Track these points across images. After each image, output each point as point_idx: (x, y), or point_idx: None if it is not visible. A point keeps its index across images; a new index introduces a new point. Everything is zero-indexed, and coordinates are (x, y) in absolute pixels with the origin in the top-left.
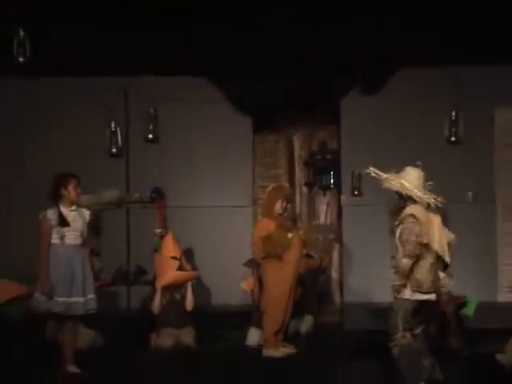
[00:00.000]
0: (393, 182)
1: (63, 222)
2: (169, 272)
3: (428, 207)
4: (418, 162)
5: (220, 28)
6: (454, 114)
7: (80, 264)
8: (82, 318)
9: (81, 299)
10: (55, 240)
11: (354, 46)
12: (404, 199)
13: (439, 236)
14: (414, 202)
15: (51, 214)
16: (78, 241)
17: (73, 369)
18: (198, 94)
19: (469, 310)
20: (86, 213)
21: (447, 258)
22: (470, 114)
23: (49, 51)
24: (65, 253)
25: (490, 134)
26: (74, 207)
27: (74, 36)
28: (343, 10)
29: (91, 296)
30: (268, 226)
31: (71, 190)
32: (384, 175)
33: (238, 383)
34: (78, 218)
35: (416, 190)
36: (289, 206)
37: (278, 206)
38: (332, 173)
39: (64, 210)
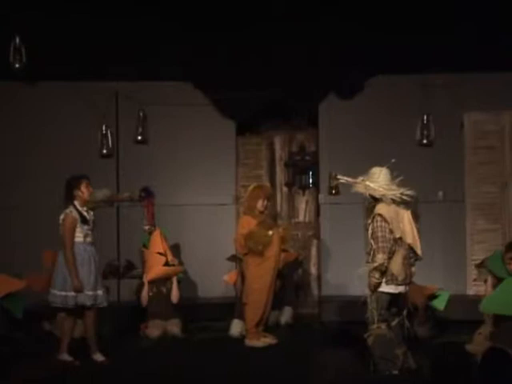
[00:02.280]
0: (359, 185)
1: (84, 219)
2: (155, 267)
3: (393, 202)
4: (393, 160)
5: (207, 38)
6: (425, 118)
7: (97, 260)
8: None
9: (101, 292)
10: (79, 238)
11: (331, 56)
12: (375, 198)
13: (410, 229)
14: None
15: (75, 213)
16: (93, 239)
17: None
18: (185, 98)
19: (440, 303)
20: (91, 213)
21: (419, 251)
22: (440, 118)
23: (42, 56)
24: (86, 250)
25: (459, 137)
26: (85, 208)
27: (66, 42)
28: (319, 22)
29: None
30: (250, 223)
31: (84, 190)
32: (351, 180)
33: (222, 371)
34: (90, 218)
35: (381, 189)
36: (269, 204)
37: (260, 205)
38: (311, 173)
39: (80, 209)
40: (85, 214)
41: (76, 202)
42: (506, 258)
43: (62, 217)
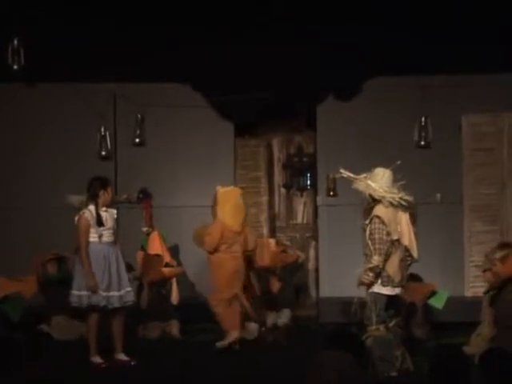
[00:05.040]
0: (360, 183)
1: (100, 221)
2: (155, 268)
3: (392, 205)
4: (398, 162)
5: (205, 40)
6: (423, 119)
7: (115, 260)
8: (125, 310)
9: (116, 293)
10: (93, 238)
11: (329, 57)
12: (374, 199)
13: (408, 231)
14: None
15: (88, 214)
16: (112, 238)
17: (122, 357)
18: (183, 100)
19: (439, 302)
20: (114, 211)
21: (415, 254)
22: (438, 120)
23: (41, 58)
24: (101, 250)
25: (457, 139)
26: (104, 208)
27: (65, 43)
28: (318, 23)
29: (128, 289)
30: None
31: (110, 192)
32: (353, 176)
33: (220, 373)
34: (109, 217)
35: (381, 190)
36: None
37: None
38: (308, 175)
39: (99, 209)
40: (102, 214)
41: (99, 202)
42: (491, 259)
43: (76, 218)
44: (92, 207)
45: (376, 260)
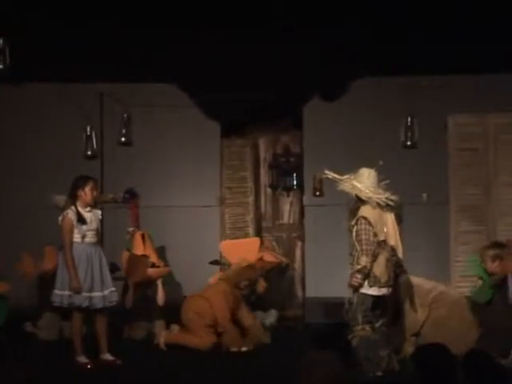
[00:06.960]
0: (346, 184)
1: (82, 220)
2: (141, 269)
3: (378, 206)
4: (380, 162)
5: (192, 40)
6: (409, 119)
7: (98, 260)
8: (108, 310)
9: (99, 294)
10: (76, 239)
11: (316, 57)
12: (360, 199)
13: (394, 232)
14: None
15: (72, 215)
16: (95, 239)
17: (107, 356)
18: (170, 100)
19: None
20: (98, 212)
21: (400, 254)
22: (424, 120)
23: (27, 57)
24: (84, 250)
25: (443, 139)
26: (88, 208)
27: (51, 44)
28: (305, 23)
29: (111, 289)
30: None
31: (88, 192)
32: (338, 177)
33: (205, 374)
34: (94, 218)
35: (367, 191)
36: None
37: None
38: (295, 175)
39: (80, 210)
40: (85, 214)
41: (78, 203)
42: (485, 256)
43: (60, 218)
44: (72, 208)
45: (364, 261)
